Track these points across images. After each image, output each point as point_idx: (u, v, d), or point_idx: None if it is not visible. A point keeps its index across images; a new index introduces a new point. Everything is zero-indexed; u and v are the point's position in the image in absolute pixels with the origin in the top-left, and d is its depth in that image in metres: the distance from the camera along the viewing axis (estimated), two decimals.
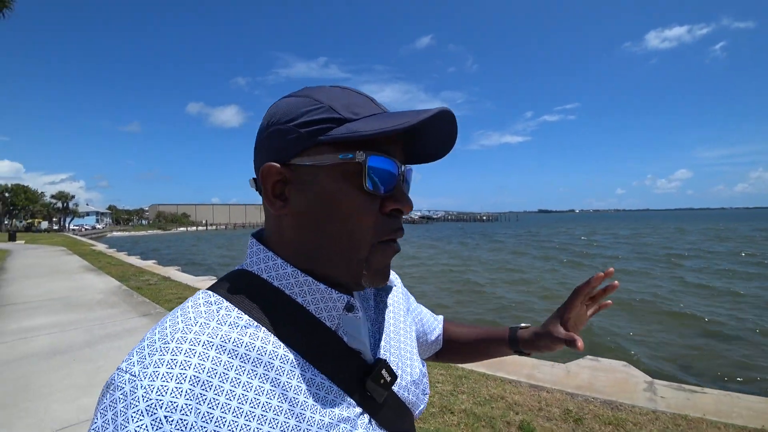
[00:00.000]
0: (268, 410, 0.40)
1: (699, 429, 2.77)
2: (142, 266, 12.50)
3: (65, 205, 73.47)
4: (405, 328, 0.67)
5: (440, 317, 0.89)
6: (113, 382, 0.38)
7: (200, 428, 0.36)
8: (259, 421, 0.39)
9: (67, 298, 7.20)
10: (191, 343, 0.40)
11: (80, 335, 4.83)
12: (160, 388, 0.36)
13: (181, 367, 0.38)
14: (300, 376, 0.44)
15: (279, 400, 0.42)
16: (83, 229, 69.28)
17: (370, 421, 0.49)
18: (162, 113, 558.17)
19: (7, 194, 61.93)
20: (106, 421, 0.36)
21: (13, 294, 7.64)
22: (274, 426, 0.40)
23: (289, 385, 0.43)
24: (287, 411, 0.41)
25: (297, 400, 0.42)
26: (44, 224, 67.49)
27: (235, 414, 0.38)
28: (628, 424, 2.86)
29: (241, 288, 0.48)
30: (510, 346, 0.77)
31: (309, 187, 0.47)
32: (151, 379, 0.37)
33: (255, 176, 0.52)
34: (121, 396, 0.36)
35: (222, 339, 0.42)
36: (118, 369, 0.39)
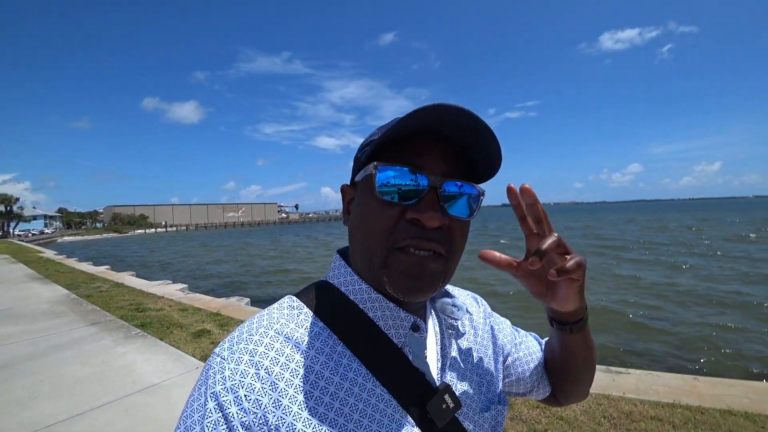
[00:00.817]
0: (329, 410, 0.45)
1: (617, 407, 3.05)
2: (93, 272, 12.03)
3: (8, 208, 68.57)
4: (480, 357, 0.65)
5: (544, 342, 0.78)
6: (209, 363, 0.47)
7: (270, 411, 0.42)
8: (320, 418, 0.44)
9: (9, 309, 6.85)
10: (272, 338, 0.48)
11: (23, 348, 4.66)
12: (243, 371, 0.44)
13: (261, 356, 0.46)
14: (362, 384, 0.48)
15: (340, 402, 0.46)
16: (30, 235, 65.11)
17: None
18: (115, 108, 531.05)
19: None
20: (200, 393, 0.44)
21: None
22: (333, 426, 0.44)
23: (351, 391, 0.47)
24: (347, 414, 0.45)
25: (357, 407, 0.46)
26: None
27: (300, 406, 0.44)
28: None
29: (321, 298, 0.54)
30: (551, 324, 0.65)
31: (356, 201, 0.55)
32: (236, 363, 0.45)
33: None
34: (211, 374, 0.45)
35: (297, 339, 0.48)
36: (213, 353, 0.48)
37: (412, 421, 0.48)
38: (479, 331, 0.68)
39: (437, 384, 0.53)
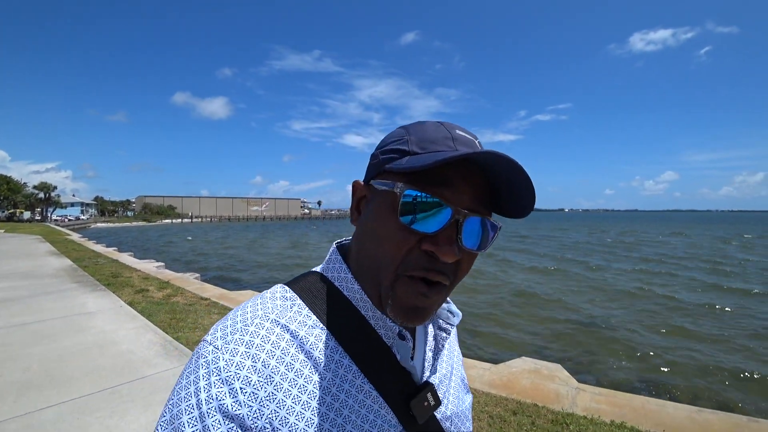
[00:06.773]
0: (321, 404, 0.46)
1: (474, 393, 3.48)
2: (101, 252, 14.84)
3: (47, 195, 74.61)
4: (457, 362, 0.69)
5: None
6: (199, 351, 0.46)
7: (265, 405, 0.43)
8: (312, 412, 0.45)
9: (26, 272, 9.59)
10: (267, 330, 0.47)
11: (25, 292, 7.24)
12: (239, 363, 0.44)
13: (257, 349, 0.45)
14: (351, 380, 0.49)
15: (331, 397, 0.47)
16: (66, 220, 70.44)
17: None
18: (148, 102, 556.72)
19: None
20: (189, 383, 0.44)
21: None
22: (324, 420, 0.46)
23: (341, 387, 0.48)
24: (337, 409, 0.47)
25: (347, 402, 0.48)
26: (26, 214, 68.46)
27: (293, 400, 0.45)
28: None
29: (314, 290, 0.54)
30: None
31: (369, 206, 0.53)
32: (231, 354, 0.44)
33: None
34: (204, 363, 0.44)
35: (292, 333, 0.49)
36: (203, 340, 0.47)
37: (396, 417, 0.51)
38: (454, 340, 0.72)
39: (421, 383, 0.55)
